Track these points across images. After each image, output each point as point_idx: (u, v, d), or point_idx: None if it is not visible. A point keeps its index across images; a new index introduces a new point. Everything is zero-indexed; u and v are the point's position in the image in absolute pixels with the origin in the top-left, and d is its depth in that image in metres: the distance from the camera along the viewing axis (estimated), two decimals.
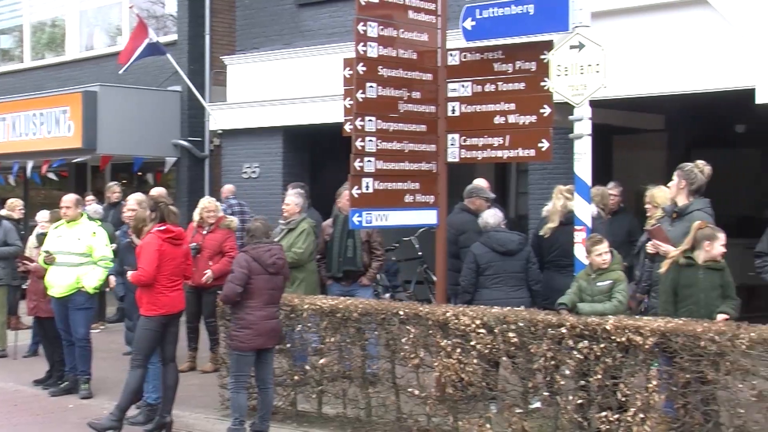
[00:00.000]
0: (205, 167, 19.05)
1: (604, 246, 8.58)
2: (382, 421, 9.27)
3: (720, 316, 7.82)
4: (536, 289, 9.67)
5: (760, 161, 17.71)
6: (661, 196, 9.50)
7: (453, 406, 8.74)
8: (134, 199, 11.20)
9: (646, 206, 9.80)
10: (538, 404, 8.50)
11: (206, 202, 12.33)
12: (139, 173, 20.24)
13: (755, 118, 13.05)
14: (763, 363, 7.23)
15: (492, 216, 9.98)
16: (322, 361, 9.58)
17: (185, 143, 18.83)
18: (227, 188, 15.66)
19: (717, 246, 8.10)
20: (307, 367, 9.74)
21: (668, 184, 9.11)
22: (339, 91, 10.62)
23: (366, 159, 9.25)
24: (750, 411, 7.30)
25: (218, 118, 17.79)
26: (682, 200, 8.89)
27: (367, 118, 9.28)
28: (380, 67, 9.41)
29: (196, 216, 12.18)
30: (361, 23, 9.26)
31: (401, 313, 8.95)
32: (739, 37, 11.51)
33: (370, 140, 9.28)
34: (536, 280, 9.71)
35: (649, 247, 8.86)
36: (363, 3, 9.30)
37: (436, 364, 8.71)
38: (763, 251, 9.07)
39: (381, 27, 9.40)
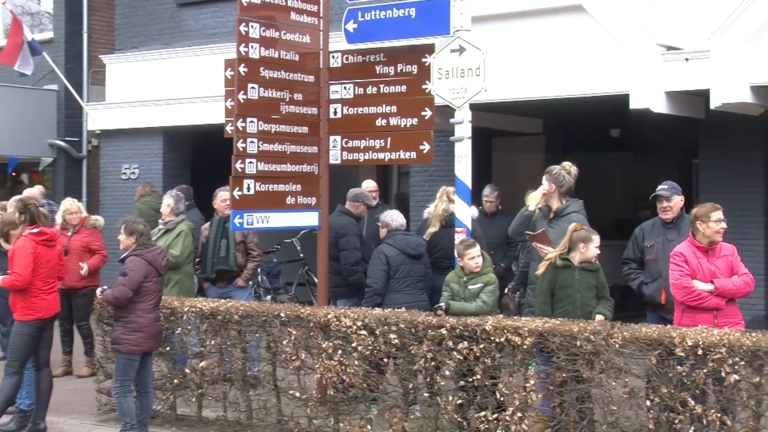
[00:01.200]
0: (83, 168, 18.69)
1: (477, 249, 8.65)
2: (262, 423, 9.22)
3: (598, 317, 8.00)
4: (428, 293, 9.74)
5: (634, 164, 18.22)
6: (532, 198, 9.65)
7: (334, 408, 8.75)
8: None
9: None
10: (417, 413, 8.59)
11: (68, 204, 12.08)
12: (14, 174, 19.73)
13: (630, 123, 13.40)
14: (635, 361, 7.43)
15: (397, 217, 9.98)
16: (202, 364, 9.50)
17: (62, 143, 18.45)
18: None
19: (591, 248, 8.28)
20: (187, 371, 9.64)
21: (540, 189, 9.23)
22: (220, 92, 10.53)
23: (247, 160, 9.19)
24: (622, 407, 7.49)
25: (96, 118, 17.46)
26: (555, 203, 9.06)
27: (248, 119, 9.22)
28: (262, 68, 9.35)
29: (59, 218, 11.94)
30: (243, 24, 9.20)
31: (282, 315, 8.93)
32: (614, 43, 11.79)
33: (252, 142, 9.23)
34: (431, 283, 9.78)
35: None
36: (245, 4, 9.24)
37: (317, 365, 8.71)
38: (630, 258, 9.30)
39: (263, 28, 9.35)
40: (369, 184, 11.74)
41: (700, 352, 7.06)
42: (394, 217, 9.97)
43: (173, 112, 16.26)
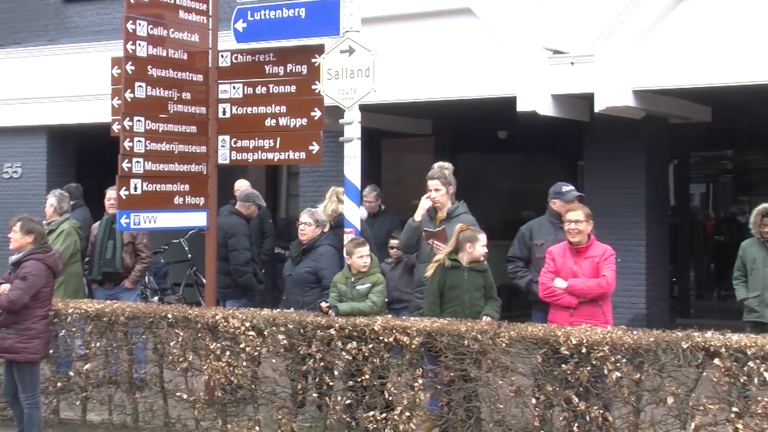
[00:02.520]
0: None
1: (366, 249, 8.68)
2: (149, 426, 9.10)
3: (485, 319, 8.09)
4: None
5: (521, 166, 18.50)
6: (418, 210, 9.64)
7: (222, 410, 8.68)
8: None
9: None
10: (308, 424, 8.56)
11: None
12: None
13: (517, 125, 13.61)
14: (522, 360, 7.55)
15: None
16: (87, 366, 9.32)
17: None
18: None
19: (478, 247, 8.37)
20: (71, 374, 9.44)
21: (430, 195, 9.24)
22: (107, 90, 10.36)
23: (134, 160, 9.06)
24: (509, 406, 7.61)
25: None
26: (447, 205, 9.12)
27: (135, 118, 9.09)
28: (150, 66, 9.23)
29: None
30: (130, 21, 9.07)
31: (170, 316, 8.82)
32: (502, 46, 11.96)
33: (139, 141, 9.10)
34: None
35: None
36: (132, 1, 9.11)
37: (205, 367, 8.63)
38: (515, 256, 9.44)
39: (151, 26, 9.23)
40: (242, 184, 11.71)
41: (584, 350, 7.20)
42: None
43: (58, 110, 15.90)
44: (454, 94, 12.44)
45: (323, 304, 8.31)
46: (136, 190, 9.07)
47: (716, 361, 6.77)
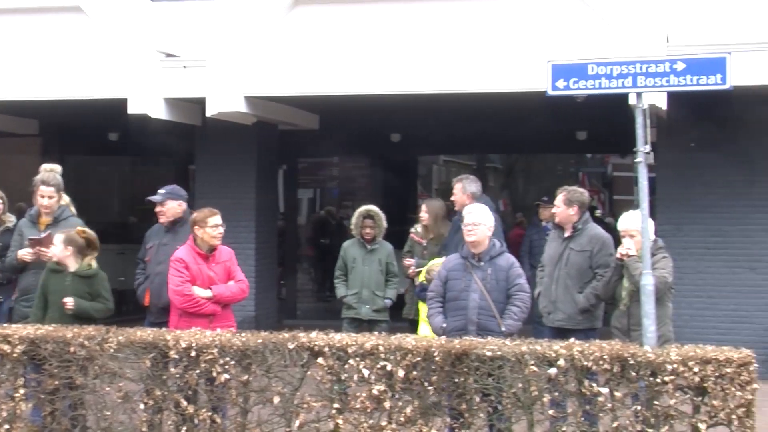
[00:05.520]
0: None
1: None
2: None
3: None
4: None
5: (132, 169, 18.27)
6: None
7: None
8: None
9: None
10: None
11: None
12: None
13: (129, 127, 13.42)
14: (130, 365, 7.45)
15: None
16: None
17: None
18: None
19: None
20: None
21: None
22: None
23: None
24: (116, 412, 7.47)
25: None
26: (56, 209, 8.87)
27: None
28: None
29: None
30: None
31: None
32: (114, 48, 11.76)
33: None
34: None
35: None
36: None
37: None
38: (140, 258, 9.36)
39: None
40: None
41: (193, 353, 7.23)
42: None
43: None
44: (62, 94, 12.08)
45: None
46: None
47: (320, 360, 7.04)
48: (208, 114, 11.67)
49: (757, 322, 11.47)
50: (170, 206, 9.20)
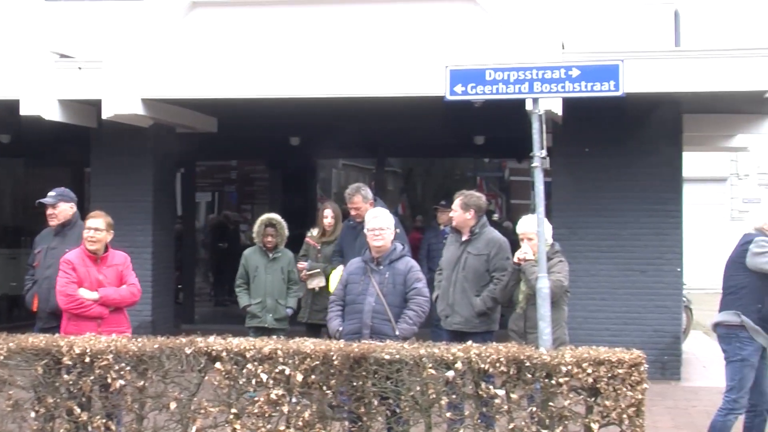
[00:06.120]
0: None
1: None
2: None
3: None
4: None
5: (26, 171, 17.89)
6: None
7: None
8: None
9: None
10: None
11: None
12: None
13: (22, 129, 13.13)
14: (20, 372, 7.28)
15: None
16: None
17: None
18: None
19: None
20: None
21: None
22: None
23: None
24: (5, 421, 7.29)
25: None
26: None
27: None
28: None
29: None
30: None
31: None
32: (6, 48, 11.52)
33: None
34: None
35: None
36: None
37: None
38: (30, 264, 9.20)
39: None
40: None
41: (87, 359, 7.10)
42: None
43: None
44: None
45: None
46: None
47: (218, 365, 6.98)
48: (103, 116, 11.49)
49: (647, 324, 11.78)
50: (62, 208, 9.07)
